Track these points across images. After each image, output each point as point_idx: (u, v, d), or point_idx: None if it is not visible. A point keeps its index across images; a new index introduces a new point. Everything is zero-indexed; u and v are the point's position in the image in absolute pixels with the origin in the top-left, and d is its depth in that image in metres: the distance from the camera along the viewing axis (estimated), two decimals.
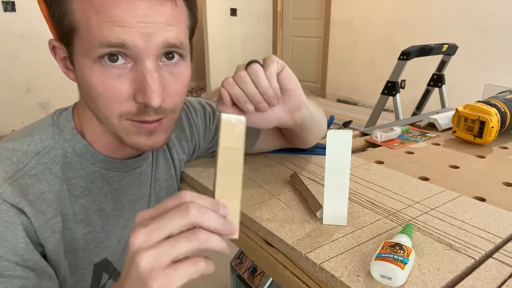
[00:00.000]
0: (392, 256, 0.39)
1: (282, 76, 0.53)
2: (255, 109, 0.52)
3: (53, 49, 0.50)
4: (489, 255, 0.44)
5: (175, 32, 0.46)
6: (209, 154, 0.77)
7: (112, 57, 0.44)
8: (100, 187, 0.55)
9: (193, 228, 0.34)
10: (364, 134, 0.96)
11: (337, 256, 0.44)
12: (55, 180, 0.51)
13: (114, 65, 0.45)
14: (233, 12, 4.56)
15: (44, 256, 0.50)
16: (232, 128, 0.38)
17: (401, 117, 2.12)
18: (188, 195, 0.35)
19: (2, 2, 3.10)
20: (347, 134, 0.48)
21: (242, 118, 0.38)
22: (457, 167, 0.73)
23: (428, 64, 2.56)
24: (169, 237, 0.33)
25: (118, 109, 0.47)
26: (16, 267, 0.44)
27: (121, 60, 0.45)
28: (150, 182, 0.63)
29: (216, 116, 0.72)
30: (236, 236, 0.37)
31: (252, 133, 0.72)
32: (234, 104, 0.53)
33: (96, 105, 0.48)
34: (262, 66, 0.52)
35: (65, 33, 0.46)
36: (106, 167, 0.55)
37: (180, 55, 0.48)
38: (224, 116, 0.38)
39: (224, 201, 0.37)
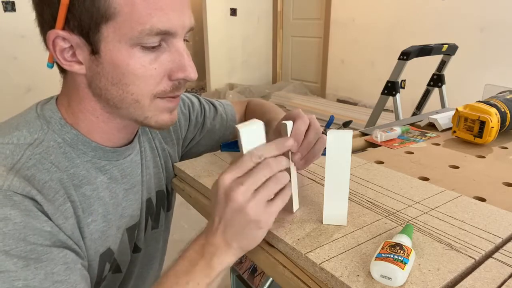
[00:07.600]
0: (392, 256, 0.39)
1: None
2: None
3: (53, 40, 0.47)
4: (489, 255, 0.44)
5: (191, 13, 0.50)
6: (214, 146, 0.82)
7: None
8: (95, 176, 0.55)
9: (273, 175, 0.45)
10: (364, 134, 0.96)
11: (337, 256, 0.44)
12: (55, 168, 0.49)
13: (152, 47, 0.47)
14: (233, 12, 4.56)
15: None
16: (251, 132, 0.46)
17: (401, 117, 2.12)
18: (259, 150, 0.45)
19: (2, 2, 3.10)
20: (347, 134, 0.48)
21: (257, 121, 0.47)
22: (457, 167, 0.73)
23: (428, 64, 2.56)
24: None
25: (154, 90, 0.50)
26: (52, 249, 0.44)
27: (157, 42, 0.47)
28: (141, 170, 0.64)
29: (195, 106, 0.79)
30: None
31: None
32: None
33: (127, 90, 0.49)
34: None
35: (91, 20, 0.45)
36: (98, 156, 0.55)
37: None
38: (240, 127, 0.45)
39: None
